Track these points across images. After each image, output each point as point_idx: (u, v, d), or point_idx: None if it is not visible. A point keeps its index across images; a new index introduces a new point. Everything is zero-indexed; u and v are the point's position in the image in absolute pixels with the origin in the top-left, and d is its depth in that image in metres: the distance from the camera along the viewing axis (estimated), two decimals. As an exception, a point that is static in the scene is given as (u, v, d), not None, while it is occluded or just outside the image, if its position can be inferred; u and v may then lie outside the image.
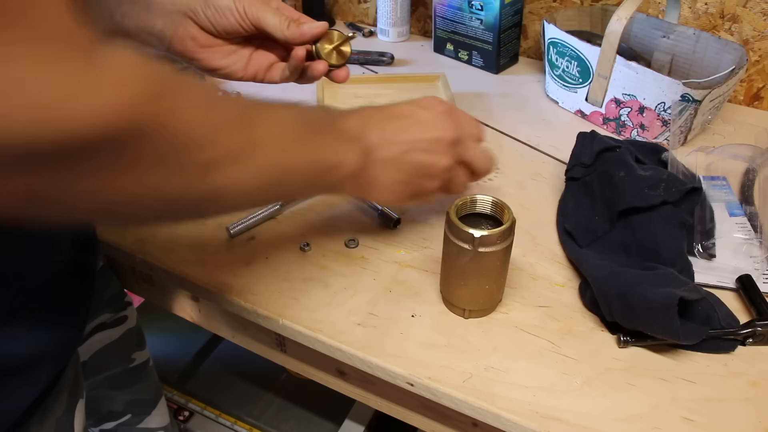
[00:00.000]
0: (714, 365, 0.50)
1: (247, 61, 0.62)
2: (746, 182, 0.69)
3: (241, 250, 0.61)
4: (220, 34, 0.60)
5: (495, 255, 0.49)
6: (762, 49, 0.83)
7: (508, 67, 0.98)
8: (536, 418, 0.46)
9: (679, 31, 0.82)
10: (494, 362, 0.50)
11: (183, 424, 1.09)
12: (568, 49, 0.81)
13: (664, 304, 0.47)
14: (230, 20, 0.58)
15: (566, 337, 0.52)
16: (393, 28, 1.05)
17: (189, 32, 0.59)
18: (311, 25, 0.60)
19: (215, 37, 0.60)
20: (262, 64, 0.63)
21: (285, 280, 0.58)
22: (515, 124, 0.82)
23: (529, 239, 0.63)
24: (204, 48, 0.60)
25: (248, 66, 0.63)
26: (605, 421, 0.46)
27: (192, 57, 0.60)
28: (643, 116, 0.76)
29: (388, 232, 0.64)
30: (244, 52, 0.62)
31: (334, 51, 0.62)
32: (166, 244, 0.62)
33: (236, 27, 0.59)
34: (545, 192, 0.69)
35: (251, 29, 0.59)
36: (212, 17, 0.58)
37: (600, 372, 0.49)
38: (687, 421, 0.46)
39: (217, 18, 0.58)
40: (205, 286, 0.58)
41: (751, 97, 0.87)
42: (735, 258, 0.59)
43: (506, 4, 0.89)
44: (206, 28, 0.59)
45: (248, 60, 0.62)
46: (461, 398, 0.48)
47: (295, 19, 0.59)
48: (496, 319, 0.54)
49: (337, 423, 1.07)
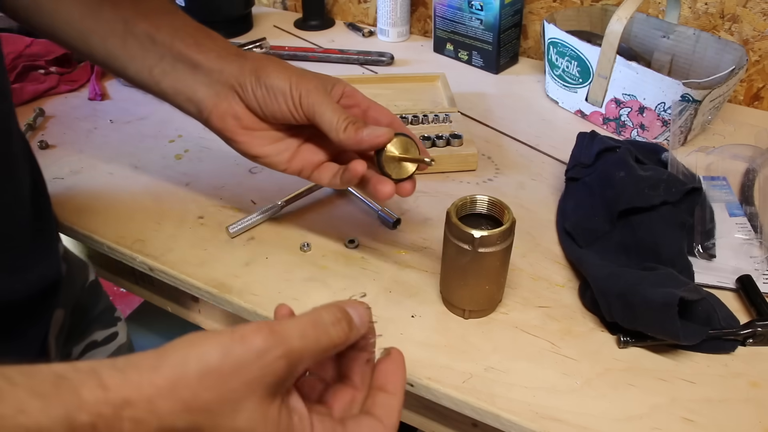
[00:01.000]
0: (714, 365, 0.50)
1: (294, 153, 0.54)
2: (746, 182, 0.69)
3: (241, 250, 0.61)
4: (267, 119, 0.52)
5: (495, 255, 0.49)
6: (762, 49, 0.83)
7: (508, 67, 0.98)
8: (536, 418, 0.46)
9: (679, 31, 0.82)
10: (494, 363, 0.50)
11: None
12: (568, 49, 0.81)
13: (664, 304, 0.47)
14: (281, 106, 0.50)
15: (566, 338, 0.52)
16: (393, 28, 1.05)
17: (232, 109, 0.51)
18: (372, 132, 0.49)
19: (261, 120, 0.52)
20: (311, 161, 0.54)
21: (285, 280, 0.58)
22: (515, 124, 0.82)
23: (529, 239, 0.62)
24: (246, 130, 0.52)
25: (293, 159, 0.54)
26: (605, 421, 0.46)
27: (231, 138, 0.53)
28: (643, 116, 0.76)
29: (388, 232, 0.64)
30: (291, 142, 0.54)
31: (399, 162, 0.51)
32: (166, 244, 0.62)
33: (287, 115, 0.50)
34: (545, 192, 0.69)
35: (303, 120, 0.50)
36: (261, 98, 0.50)
37: (600, 372, 0.49)
38: (687, 422, 0.46)
39: (267, 101, 0.50)
40: (205, 286, 0.58)
41: (751, 97, 0.87)
42: (735, 258, 0.59)
43: (506, 4, 0.89)
44: (253, 108, 0.51)
45: (295, 152, 0.54)
46: (461, 398, 0.48)
47: (355, 121, 0.49)
48: (496, 320, 0.54)
49: (337, 423, 1.06)
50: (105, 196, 0.69)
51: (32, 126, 0.80)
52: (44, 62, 0.88)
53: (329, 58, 1.00)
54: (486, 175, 0.72)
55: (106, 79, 0.93)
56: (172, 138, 0.79)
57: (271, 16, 1.18)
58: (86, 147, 0.77)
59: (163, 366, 0.30)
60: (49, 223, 0.57)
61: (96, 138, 0.79)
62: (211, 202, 0.68)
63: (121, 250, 0.62)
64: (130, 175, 0.72)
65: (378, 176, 0.51)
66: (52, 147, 0.77)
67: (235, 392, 0.30)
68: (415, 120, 0.76)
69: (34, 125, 0.80)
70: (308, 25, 1.13)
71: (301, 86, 0.49)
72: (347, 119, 0.49)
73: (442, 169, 0.72)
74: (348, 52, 1.00)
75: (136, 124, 0.82)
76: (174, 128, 0.81)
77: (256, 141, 0.53)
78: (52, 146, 0.77)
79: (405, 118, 0.77)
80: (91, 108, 0.86)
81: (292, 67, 0.51)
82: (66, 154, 0.76)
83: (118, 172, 0.73)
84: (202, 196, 0.69)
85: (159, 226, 0.64)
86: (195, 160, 0.74)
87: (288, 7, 1.22)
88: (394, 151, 0.50)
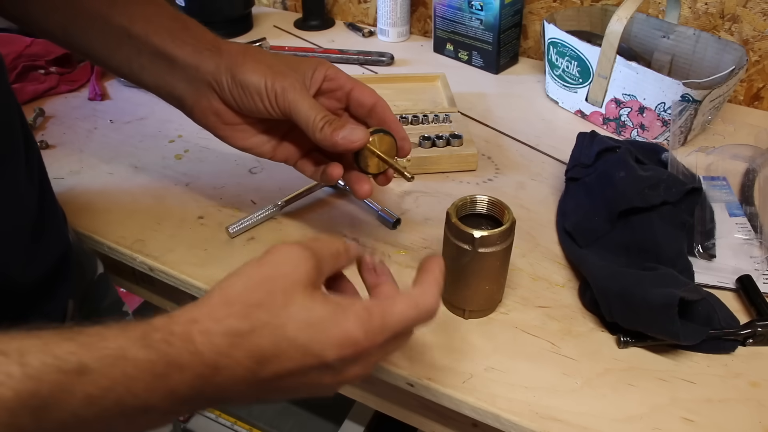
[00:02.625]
0: (714, 366, 0.50)
1: (277, 144, 0.55)
2: (746, 182, 0.69)
3: (241, 250, 0.61)
4: (246, 115, 0.52)
5: (495, 255, 0.49)
6: (762, 49, 0.83)
7: (508, 67, 0.98)
8: (536, 418, 0.46)
9: (679, 31, 0.82)
10: (494, 363, 0.50)
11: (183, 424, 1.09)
12: (568, 49, 0.81)
13: (664, 304, 0.47)
14: (258, 105, 0.50)
15: (566, 338, 0.52)
16: (393, 28, 1.05)
17: (212, 106, 0.51)
18: (347, 136, 0.48)
19: (240, 116, 0.52)
20: (293, 153, 0.55)
21: (285, 281, 0.58)
22: (515, 124, 0.82)
23: (529, 239, 0.62)
24: (227, 125, 0.53)
25: (277, 150, 0.55)
26: (605, 421, 0.46)
27: (214, 133, 0.54)
28: (643, 116, 0.76)
29: (388, 232, 0.64)
30: (274, 134, 0.54)
31: (377, 158, 0.52)
32: (166, 244, 0.62)
33: (263, 113, 0.50)
34: (545, 192, 0.69)
35: (281, 117, 0.50)
36: (238, 97, 0.50)
37: (600, 372, 0.49)
38: (687, 422, 0.46)
39: (244, 99, 0.50)
40: (205, 286, 0.58)
41: (751, 97, 0.87)
42: (735, 258, 0.59)
43: (506, 4, 0.89)
44: (230, 105, 0.51)
45: (277, 145, 0.55)
46: (461, 399, 0.48)
47: (332, 121, 0.49)
48: (496, 320, 0.54)
49: (336, 423, 1.07)
50: (105, 196, 0.69)
51: (32, 126, 0.80)
52: (44, 62, 0.88)
53: (329, 58, 1.00)
54: (486, 175, 0.72)
55: (106, 79, 0.93)
56: (172, 138, 0.79)
57: (271, 16, 1.18)
58: (86, 147, 0.77)
59: (212, 293, 0.34)
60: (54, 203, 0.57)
61: (96, 138, 0.79)
62: (211, 202, 0.68)
63: (121, 250, 0.62)
64: (130, 175, 0.72)
65: (357, 175, 0.53)
66: (52, 147, 0.77)
67: (282, 287, 0.34)
68: (415, 120, 0.76)
69: (34, 125, 0.80)
70: (308, 25, 1.12)
71: (276, 84, 0.49)
72: (324, 118, 0.49)
73: (442, 169, 0.72)
74: (348, 52, 1.00)
75: (136, 124, 0.82)
76: (174, 128, 0.81)
77: (238, 135, 0.53)
78: (52, 146, 0.77)
79: (405, 118, 0.77)
80: (91, 108, 0.86)
81: (268, 59, 0.51)
82: (66, 154, 0.76)
83: (118, 172, 0.73)
84: (202, 196, 0.69)
85: (159, 226, 0.64)
86: (195, 160, 0.74)
87: (288, 7, 1.22)
88: (372, 148, 0.51)
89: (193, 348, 0.32)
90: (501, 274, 0.53)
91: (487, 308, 0.54)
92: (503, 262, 0.52)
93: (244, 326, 0.33)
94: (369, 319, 0.35)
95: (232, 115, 0.52)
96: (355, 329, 0.34)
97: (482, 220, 0.52)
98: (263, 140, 0.54)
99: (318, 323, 0.34)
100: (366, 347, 0.35)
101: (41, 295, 0.52)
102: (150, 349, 0.31)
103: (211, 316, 0.33)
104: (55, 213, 0.57)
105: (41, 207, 0.52)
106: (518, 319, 0.54)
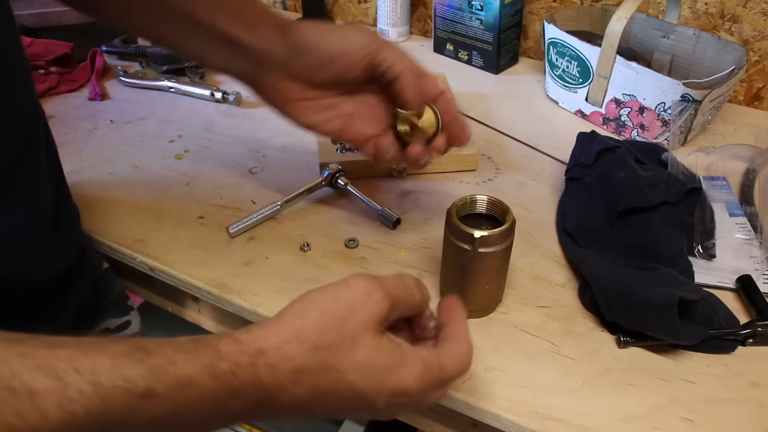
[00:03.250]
0: (714, 365, 0.50)
1: (343, 125, 0.54)
2: (746, 182, 0.69)
3: (241, 250, 0.61)
4: (317, 86, 0.52)
5: (495, 255, 0.49)
6: (762, 49, 0.83)
7: (508, 67, 0.98)
8: (536, 418, 0.46)
9: (679, 31, 0.82)
10: (494, 363, 0.50)
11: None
12: (568, 49, 0.81)
13: (664, 304, 0.47)
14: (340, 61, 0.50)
15: (566, 338, 0.52)
16: (393, 28, 1.05)
17: (276, 83, 0.52)
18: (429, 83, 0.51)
19: (308, 89, 0.53)
20: (362, 132, 0.55)
21: (285, 280, 0.58)
22: (515, 124, 0.82)
23: (529, 239, 0.62)
24: (292, 101, 0.53)
25: (344, 129, 0.54)
26: (605, 421, 0.46)
27: (279, 109, 0.54)
28: (643, 116, 0.76)
29: (388, 232, 0.64)
30: (340, 111, 0.54)
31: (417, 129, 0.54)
32: (166, 244, 0.62)
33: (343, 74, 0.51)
34: (545, 192, 0.69)
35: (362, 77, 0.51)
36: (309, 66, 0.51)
37: (600, 372, 0.49)
38: (687, 422, 0.46)
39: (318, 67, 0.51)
40: (205, 286, 0.58)
41: (751, 97, 0.87)
42: (735, 258, 0.59)
43: (506, 4, 0.89)
44: (301, 76, 0.52)
45: (344, 125, 0.54)
46: (461, 399, 0.48)
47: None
48: (496, 320, 0.54)
49: (336, 423, 1.06)
50: (105, 196, 0.69)
51: (32, 126, 0.80)
52: (44, 62, 0.88)
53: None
54: (486, 175, 0.72)
55: (106, 79, 0.93)
56: (172, 138, 0.79)
57: (271, 16, 1.18)
58: (86, 147, 0.77)
59: (284, 321, 0.35)
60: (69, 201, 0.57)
61: (96, 138, 0.79)
62: (211, 202, 0.68)
63: (121, 250, 0.62)
64: (130, 175, 0.72)
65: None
66: (52, 147, 0.77)
67: (352, 330, 0.35)
68: (415, 120, 0.76)
69: (34, 125, 0.80)
70: (308, 25, 1.12)
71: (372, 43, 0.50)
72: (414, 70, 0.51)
73: (442, 169, 0.72)
74: (348, 52, 1.00)
75: (136, 124, 0.82)
76: (174, 128, 0.81)
77: (302, 111, 0.53)
78: (52, 146, 0.77)
79: (405, 118, 0.77)
80: (91, 108, 0.86)
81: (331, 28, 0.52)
82: (66, 154, 0.76)
83: (118, 172, 0.73)
84: (202, 196, 0.69)
85: (159, 226, 0.64)
86: (195, 160, 0.74)
87: (288, 7, 1.22)
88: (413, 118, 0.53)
89: (256, 380, 0.33)
90: (501, 274, 0.53)
91: (487, 308, 0.54)
92: (503, 262, 0.52)
93: (309, 366, 0.34)
94: (427, 373, 0.36)
95: (297, 89, 0.52)
96: (412, 383, 0.36)
97: (482, 220, 0.52)
98: (329, 117, 0.54)
99: (378, 374, 0.35)
100: (416, 398, 0.37)
101: (57, 293, 0.52)
102: (216, 379, 0.32)
103: (280, 352, 0.34)
104: (70, 211, 0.57)
105: (58, 205, 0.52)
106: (518, 319, 0.54)
